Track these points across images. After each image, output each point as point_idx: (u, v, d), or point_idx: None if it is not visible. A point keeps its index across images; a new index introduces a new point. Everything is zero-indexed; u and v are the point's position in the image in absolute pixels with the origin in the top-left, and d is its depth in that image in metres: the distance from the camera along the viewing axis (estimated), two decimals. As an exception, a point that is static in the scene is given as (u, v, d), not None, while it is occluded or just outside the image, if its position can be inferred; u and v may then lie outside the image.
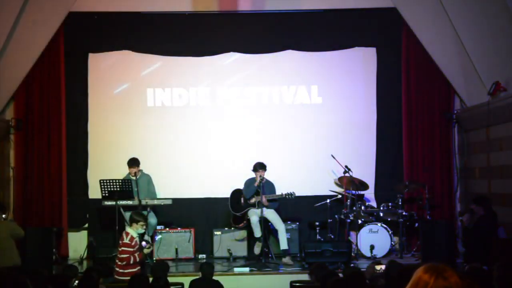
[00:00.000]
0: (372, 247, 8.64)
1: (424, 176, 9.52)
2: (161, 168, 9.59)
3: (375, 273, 5.73)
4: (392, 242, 8.91)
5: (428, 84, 9.77)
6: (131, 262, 7.04)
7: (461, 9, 8.76)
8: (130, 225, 7.33)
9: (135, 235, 7.20)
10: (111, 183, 8.54)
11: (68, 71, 9.73)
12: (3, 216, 7.54)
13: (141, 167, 8.98)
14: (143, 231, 7.36)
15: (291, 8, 9.81)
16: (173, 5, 9.76)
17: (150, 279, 5.83)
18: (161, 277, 5.84)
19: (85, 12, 9.64)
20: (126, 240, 7.13)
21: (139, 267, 7.13)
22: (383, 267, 5.80)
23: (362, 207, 9.12)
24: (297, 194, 8.72)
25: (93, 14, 9.71)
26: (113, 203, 8.50)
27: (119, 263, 7.09)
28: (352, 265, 8.01)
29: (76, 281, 5.61)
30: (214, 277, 6.43)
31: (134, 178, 8.73)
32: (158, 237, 9.01)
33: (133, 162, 8.86)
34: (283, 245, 8.60)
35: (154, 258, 8.73)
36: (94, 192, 9.37)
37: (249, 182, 8.83)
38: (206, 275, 6.24)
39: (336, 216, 9.21)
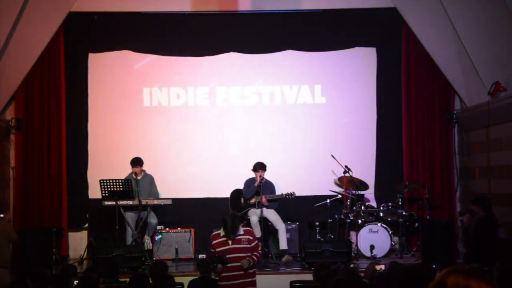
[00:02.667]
0: (372, 247, 8.63)
1: (424, 176, 9.52)
2: (161, 168, 9.58)
3: (375, 273, 5.72)
4: (392, 242, 8.91)
5: (428, 84, 9.78)
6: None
7: (461, 9, 8.76)
8: None
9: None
10: (111, 183, 8.53)
11: (68, 71, 9.73)
12: (1, 215, 7.54)
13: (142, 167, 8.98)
14: None
15: (291, 8, 9.81)
16: (173, 5, 9.76)
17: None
18: (169, 277, 5.82)
19: (85, 12, 9.65)
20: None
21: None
22: (382, 267, 5.80)
23: (362, 207, 9.12)
24: (297, 194, 8.72)
25: (93, 14, 9.71)
26: (113, 203, 8.49)
27: None
28: (352, 265, 8.01)
29: (76, 281, 5.60)
30: (214, 277, 6.42)
31: (134, 177, 8.73)
32: (158, 237, 9.00)
33: (136, 162, 8.86)
34: (283, 245, 8.59)
35: (154, 258, 8.74)
36: (94, 192, 9.36)
37: (249, 182, 8.83)
38: (204, 274, 6.20)
39: (336, 216, 9.21)
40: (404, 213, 9.01)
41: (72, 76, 9.79)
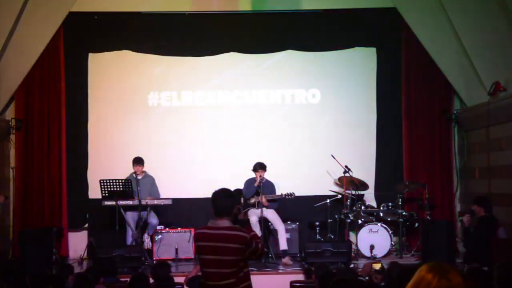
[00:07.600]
0: (372, 247, 8.63)
1: (424, 176, 9.52)
2: (161, 168, 9.57)
3: (371, 271, 5.73)
4: (392, 242, 8.90)
5: (428, 84, 9.77)
6: None
7: (461, 9, 8.76)
8: None
9: None
10: (111, 183, 8.53)
11: (68, 71, 9.73)
12: None
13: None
14: None
15: (291, 8, 9.81)
16: (173, 5, 9.76)
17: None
18: (169, 278, 5.81)
19: (85, 12, 9.64)
20: None
21: None
22: (379, 265, 5.82)
23: (362, 207, 9.12)
24: (297, 194, 8.71)
25: (93, 14, 9.71)
26: (113, 203, 8.49)
27: None
28: (352, 265, 8.01)
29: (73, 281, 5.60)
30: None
31: (135, 177, 8.73)
32: (158, 237, 9.00)
33: (138, 161, 8.88)
34: (283, 245, 8.59)
35: (154, 258, 8.74)
36: (94, 192, 9.36)
37: (249, 182, 8.83)
38: None
39: (336, 216, 9.21)
40: (404, 213, 9.01)
41: (72, 76, 9.78)
